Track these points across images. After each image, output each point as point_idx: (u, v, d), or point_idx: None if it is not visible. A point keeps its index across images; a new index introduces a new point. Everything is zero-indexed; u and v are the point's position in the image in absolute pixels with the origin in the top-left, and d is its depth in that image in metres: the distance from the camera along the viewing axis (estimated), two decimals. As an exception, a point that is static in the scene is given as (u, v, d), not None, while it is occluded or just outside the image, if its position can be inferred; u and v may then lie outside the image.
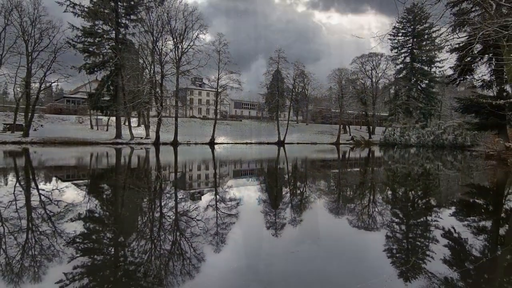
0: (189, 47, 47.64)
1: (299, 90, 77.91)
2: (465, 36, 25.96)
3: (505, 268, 5.26)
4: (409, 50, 67.88)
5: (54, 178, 14.44)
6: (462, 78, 40.03)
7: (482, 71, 39.37)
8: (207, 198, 10.70)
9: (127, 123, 51.28)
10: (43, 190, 11.36)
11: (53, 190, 11.29)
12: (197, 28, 47.56)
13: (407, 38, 67.75)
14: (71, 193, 10.71)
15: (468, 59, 32.23)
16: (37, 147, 35.85)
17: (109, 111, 52.45)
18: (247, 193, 11.66)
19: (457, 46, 29.87)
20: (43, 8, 43.55)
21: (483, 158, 30.15)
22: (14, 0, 42.03)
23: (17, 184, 12.60)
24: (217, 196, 10.99)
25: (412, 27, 66.58)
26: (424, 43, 66.33)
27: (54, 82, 50.57)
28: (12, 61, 43.94)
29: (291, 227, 7.22)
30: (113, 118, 52.92)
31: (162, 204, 9.67)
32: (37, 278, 4.51)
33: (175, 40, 47.12)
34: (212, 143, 53.20)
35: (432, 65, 67.09)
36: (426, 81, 67.84)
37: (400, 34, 68.03)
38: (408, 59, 68.30)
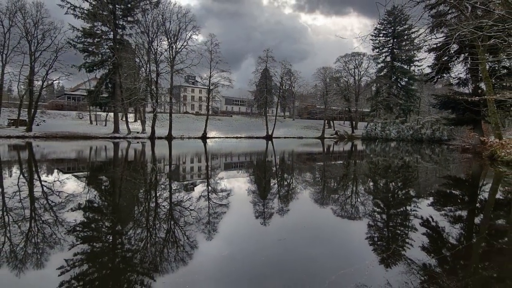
0: (182, 47, 47.70)
1: (286, 88, 77.70)
2: (442, 37, 26.11)
3: (480, 255, 5.31)
4: (389, 50, 68.07)
5: (55, 170, 14.29)
6: (439, 76, 40.33)
7: (458, 70, 39.95)
8: (199, 189, 10.67)
9: (124, 119, 51.11)
10: (46, 181, 11.31)
11: (54, 181, 11.23)
12: (190, 29, 47.55)
13: (388, 38, 67.92)
14: (72, 185, 10.62)
15: (445, 58, 32.42)
16: (40, 141, 35.40)
17: (107, 107, 52.76)
18: (237, 184, 11.63)
19: (434, 46, 30.05)
20: (45, 10, 43.80)
21: (459, 151, 30.49)
22: (18, 3, 42.36)
23: (21, 176, 12.45)
24: (209, 187, 10.95)
25: (392, 28, 66.73)
26: (404, 43, 66.52)
27: (55, 80, 50.82)
28: (16, 60, 44.42)
29: (278, 217, 7.20)
30: (111, 114, 52.61)
31: (158, 194, 9.61)
32: (40, 264, 4.53)
33: (169, 40, 47.09)
34: (204, 137, 52.99)
35: (411, 64, 67.41)
36: (406, 79, 68.13)
37: (381, 35, 68.17)
38: (388, 58, 68.50)
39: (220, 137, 56.86)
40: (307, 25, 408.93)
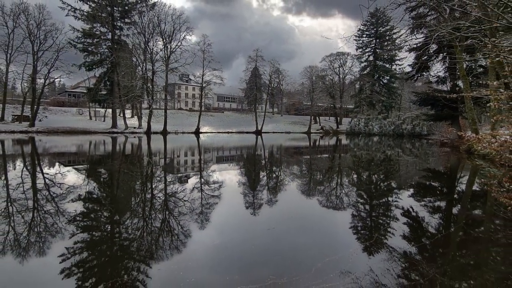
0: (177, 47, 47.93)
1: (274, 85, 77.73)
2: (422, 37, 26.30)
3: (457, 243, 5.36)
4: (372, 50, 68.28)
5: (57, 163, 14.12)
6: (419, 75, 40.67)
7: (437, 68, 40.08)
8: (193, 181, 10.63)
9: (122, 115, 51.47)
10: (48, 174, 11.22)
11: (56, 174, 11.14)
12: (184, 30, 47.80)
13: (371, 39, 68.10)
14: (72, 177, 10.55)
15: (425, 57, 32.70)
16: (42, 135, 35.15)
17: (106, 104, 53.37)
18: (229, 176, 11.59)
19: (415, 46, 30.32)
20: (47, 12, 44.16)
21: (438, 145, 30.77)
22: (21, 5, 42.82)
23: (25, 169, 12.33)
24: (202, 179, 10.91)
25: (375, 29, 66.93)
26: (386, 43, 66.77)
27: (57, 78, 50.80)
28: (20, 60, 45.11)
29: (267, 207, 7.19)
30: (110, 110, 52.88)
31: (153, 186, 9.55)
32: (42, 252, 4.56)
33: (164, 40, 47.26)
34: (197, 132, 52.91)
35: (393, 63, 67.77)
36: (388, 77, 68.46)
37: (364, 36, 68.32)
38: (371, 58, 68.73)
39: (212, 132, 56.74)
40: (295, 26, 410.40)
